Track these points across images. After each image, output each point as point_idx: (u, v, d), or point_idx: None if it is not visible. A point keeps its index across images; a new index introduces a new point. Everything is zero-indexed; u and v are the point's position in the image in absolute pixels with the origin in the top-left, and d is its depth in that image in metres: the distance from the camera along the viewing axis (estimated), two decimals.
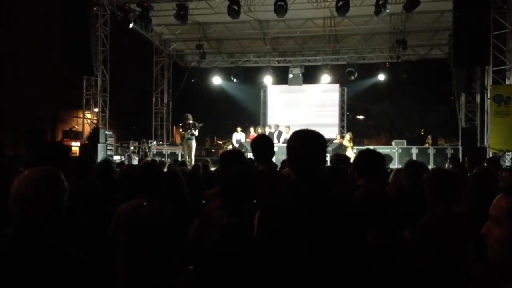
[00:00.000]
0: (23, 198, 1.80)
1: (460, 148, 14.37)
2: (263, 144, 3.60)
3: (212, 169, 8.42)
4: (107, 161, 6.57)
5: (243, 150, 13.72)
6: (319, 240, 1.91)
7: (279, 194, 2.16)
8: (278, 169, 4.95)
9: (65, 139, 26.71)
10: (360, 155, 3.53)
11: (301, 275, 1.90)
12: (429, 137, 20.42)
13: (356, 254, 1.95)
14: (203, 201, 3.80)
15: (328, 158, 12.51)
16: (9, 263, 1.74)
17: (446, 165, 11.14)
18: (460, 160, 11.14)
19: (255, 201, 2.68)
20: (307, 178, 2.06)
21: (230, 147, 17.20)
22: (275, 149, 5.25)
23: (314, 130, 2.20)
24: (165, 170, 5.99)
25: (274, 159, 6.34)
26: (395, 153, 16.23)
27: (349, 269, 1.92)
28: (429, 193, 3.13)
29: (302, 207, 1.96)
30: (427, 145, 18.75)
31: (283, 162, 7.08)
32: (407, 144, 17.85)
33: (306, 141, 2.14)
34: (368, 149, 3.82)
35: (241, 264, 2.40)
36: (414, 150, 16.51)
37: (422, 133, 32.46)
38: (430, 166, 13.85)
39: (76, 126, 27.69)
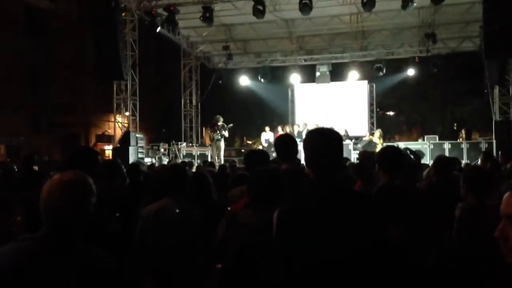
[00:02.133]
0: (53, 202, 1.84)
1: (494, 141, 14.00)
2: (286, 142, 3.60)
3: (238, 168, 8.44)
4: (136, 164, 6.68)
5: (272, 149, 13.73)
6: (339, 243, 1.90)
7: (297, 195, 2.15)
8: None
9: (98, 143, 27.30)
10: (381, 152, 3.50)
11: (321, 278, 1.89)
12: (463, 131, 19.95)
13: (378, 253, 1.93)
14: (229, 202, 3.82)
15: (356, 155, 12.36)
16: (39, 267, 1.78)
17: (479, 160, 10.87)
18: (494, 154, 10.86)
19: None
20: (325, 178, 2.05)
21: (260, 147, 17.25)
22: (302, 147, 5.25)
23: (329, 128, 2.18)
24: (193, 171, 6.06)
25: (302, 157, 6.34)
26: (426, 148, 15.95)
27: (372, 268, 1.90)
28: (464, 187, 3.22)
29: (320, 209, 1.95)
30: (460, 139, 18.34)
31: None
32: (440, 139, 17.49)
33: (322, 140, 2.12)
34: (389, 146, 3.78)
35: (268, 263, 2.41)
36: (447, 145, 16.19)
37: (455, 128, 31.72)
38: (464, 161, 13.56)
39: (108, 130, 28.23)
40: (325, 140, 2.11)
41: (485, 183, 3.18)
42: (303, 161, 4.62)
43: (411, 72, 19.42)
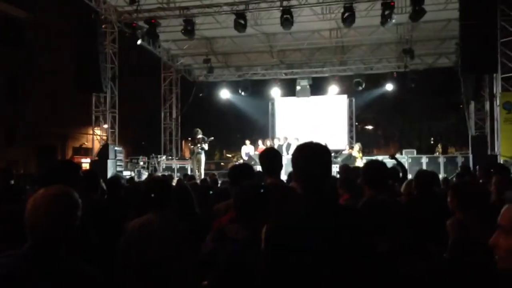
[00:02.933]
0: (38, 217, 1.82)
1: (471, 156, 14.24)
2: (271, 157, 3.59)
3: (219, 182, 8.42)
4: (116, 177, 6.60)
5: (252, 163, 13.73)
6: (329, 257, 1.89)
7: (286, 210, 2.14)
8: (286, 181, 4.93)
9: (75, 156, 26.94)
10: (367, 166, 3.51)
11: None
12: (439, 145, 20.29)
13: (366, 266, 1.93)
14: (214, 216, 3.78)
15: (337, 169, 12.46)
16: (25, 282, 1.76)
17: (455, 174, 11.04)
18: (471, 169, 11.05)
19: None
20: (313, 192, 2.04)
21: (241, 161, 17.22)
22: (284, 161, 5.24)
23: (318, 143, 2.18)
24: (173, 184, 6.01)
25: (283, 171, 6.34)
26: (405, 162, 16.10)
27: (360, 282, 1.90)
28: (454, 202, 3.14)
29: (308, 223, 1.95)
30: (437, 154, 18.62)
31: (290, 175, 7.02)
32: (417, 153, 17.73)
33: (311, 155, 2.11)
34: (375, 160, 3.80)
35: (255, 278, 2.38)
36: (424, 159, 16.40)
37: (432, 142, 32.26)
38: (441, 175, 13.73)
39: (86, 143, 27.92)
40: (314, 154, 2.11)
41: (477, 198, 3.11)
42: (283, 176, 4.65)
43: (389, 87, 19.72)
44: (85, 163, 24.10)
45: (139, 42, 14.93)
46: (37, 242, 1.83)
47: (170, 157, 18.86)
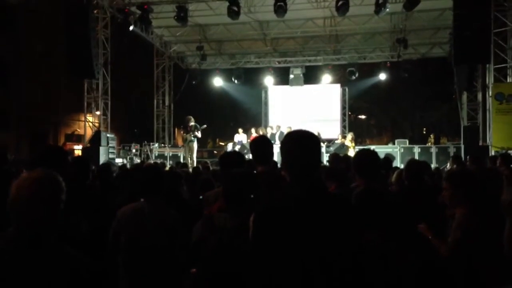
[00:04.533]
0: (22, 200, 1.82)
1: (463, 146, 14.33)
2: (262, 145, 3.58)
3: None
4: (107, 164, 6.58)
5: (245, 151, 13.73)
6: (316, 244, 1.89)
7: (274, 197, 2.13)
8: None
9: (67, 143, 26.75)
10: (358, 155, 3.50)
11: (298, 279, 1.88)
12: (431, 136, 20.37)
13: (354, 255, 1.94)
14: (203, 203, 3.78)
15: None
16: (10, 265, 1.76)
17: (448, 164, 11.11)
18: (462, 159, 11.12)
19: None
20: (302, 180, 2.03)
21: (229, 147, 17.19)
22: (276, 150, 5.23)
23: (307, 130, 2.15)
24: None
25: (277, 160, 6.33)
26: (397, 152, 16.20)
27: (348, 271, 1.90)
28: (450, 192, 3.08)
29: (297, 211, 1.94)
30: (429, 144, 18.70)
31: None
32: (409, 143, 17.80)
33: (299, 142, 2.10)
34: (366, 149, 3.79)
35: (244, 267, 2.39)
36: (417, 149, 16.49)
37: (424, 132, 32.38)
38: (433, 165, 13.83)
39: (78, 130, 27.73)
40: (302, 142, 2.09)
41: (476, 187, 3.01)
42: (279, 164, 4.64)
43: (382, 76, 19.75)
44: (78, 149, 23.98)
45: (131, 28, 14.79)
46: (20, 225, 1.83)
47: (162, 145, 18.82)
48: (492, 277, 2.39)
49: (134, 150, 17.38)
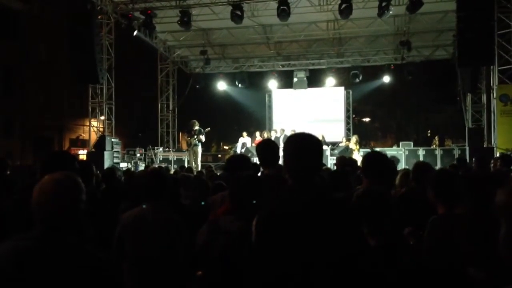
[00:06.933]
0: (45, 200, 1.90)
1: (467, 148, 14.28)
2: (268, 148, 3.59)
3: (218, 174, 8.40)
4: (111, 168, 6.59)
5: (249, 155, 13.72)
6: (317, 247, 1.88)
7: (276, 200, 2.12)
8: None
9: (72, 148, 26.87)
10: (366, 157, 3.49)
11: (300, 283, 1.87)
12: (436, 138, 20.33)
13: (355, 258, 1.92)
14: (209, 207, 3.77)
15: (334, 161, 12.44)
16: (35, 263, 1.81)
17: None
18: (468, 161, 11.08)
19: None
20: (304, 183, 2.02)
21: (238, 147, 17.16)
22: (281, 153, 5.21)
23: (309, 133, 2.14)
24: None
25: (281, 163, 6.32)
26: (402, 154, 16.17)
27: (350, 273, 1.89)
28: (432, 194, 3.05)
29: (298, 215, 1.93)
30: (434, 146, 18.66)
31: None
32: (414, 146, 17.76)
33: (300, 145, 2.09)
34: (374, 152, 3.78)
35: (248, 270, 2.38)
36: (421, 152, 16.45)
37: (429, 135, 32.32)
38: (438, 167, 13.78)
39: (82, 135, 27.84)
40: (303, 145, 2.09)
41: (455, 189, 2.91)
42: None
43: (386, 79, 19.73)
44: (82, 154, 24.05)
45: (135, 33, 14.85)
46: (45, 226, 1.89)
47: (167, 149, 18.84)
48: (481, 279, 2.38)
49: (138, 155, 17.43)
